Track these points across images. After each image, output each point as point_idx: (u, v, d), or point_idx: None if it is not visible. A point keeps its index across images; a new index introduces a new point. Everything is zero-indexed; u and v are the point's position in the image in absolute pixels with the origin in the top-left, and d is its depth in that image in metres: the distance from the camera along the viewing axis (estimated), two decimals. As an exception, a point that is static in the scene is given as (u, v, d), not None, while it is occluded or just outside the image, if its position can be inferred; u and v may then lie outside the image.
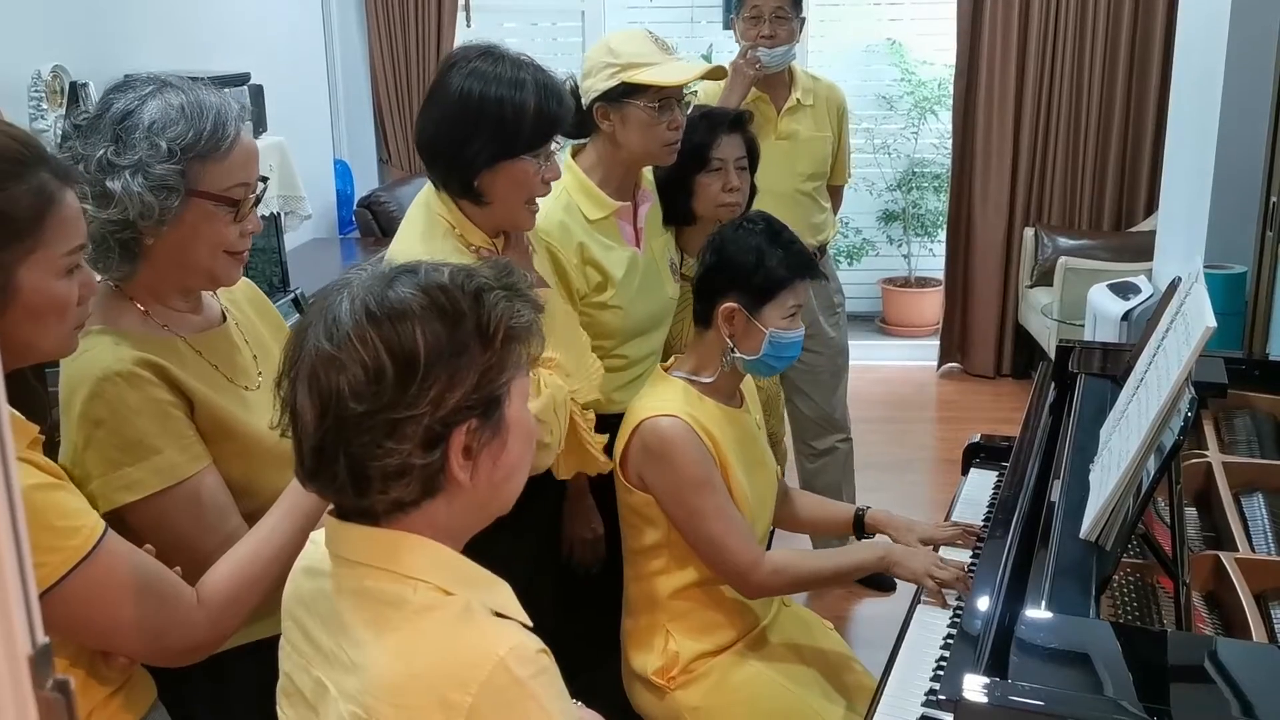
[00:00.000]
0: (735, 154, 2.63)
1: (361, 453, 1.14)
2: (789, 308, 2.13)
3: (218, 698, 1.67)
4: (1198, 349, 1.62)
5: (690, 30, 6.45)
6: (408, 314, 1.15)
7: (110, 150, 1.52)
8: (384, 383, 1.12)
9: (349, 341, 1.14)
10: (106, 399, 1.50)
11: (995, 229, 5.68)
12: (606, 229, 2.45)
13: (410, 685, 1.11)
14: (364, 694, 1.12)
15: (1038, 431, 2.36)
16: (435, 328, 1.15)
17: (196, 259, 1.60)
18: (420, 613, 1.15)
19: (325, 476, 1.18)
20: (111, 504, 1.51)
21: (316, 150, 5.54)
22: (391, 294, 1.16)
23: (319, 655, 1.21)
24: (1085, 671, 1.49)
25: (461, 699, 1.08)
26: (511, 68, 2.01)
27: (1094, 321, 4.28)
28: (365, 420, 1.13)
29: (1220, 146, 3.47)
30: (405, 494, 1.17)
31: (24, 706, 0.52)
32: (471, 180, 2.02)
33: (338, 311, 1.16)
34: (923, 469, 4.81)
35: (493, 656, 1.10)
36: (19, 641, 0.51)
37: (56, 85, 3.37)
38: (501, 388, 1.19)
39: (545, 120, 2.01)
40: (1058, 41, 5.45)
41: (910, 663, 1.91)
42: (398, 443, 1.13)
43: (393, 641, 1.14)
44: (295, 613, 1.28)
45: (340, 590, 1.20)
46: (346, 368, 1.13)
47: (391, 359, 1.13)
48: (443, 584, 1.17)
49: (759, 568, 2.08)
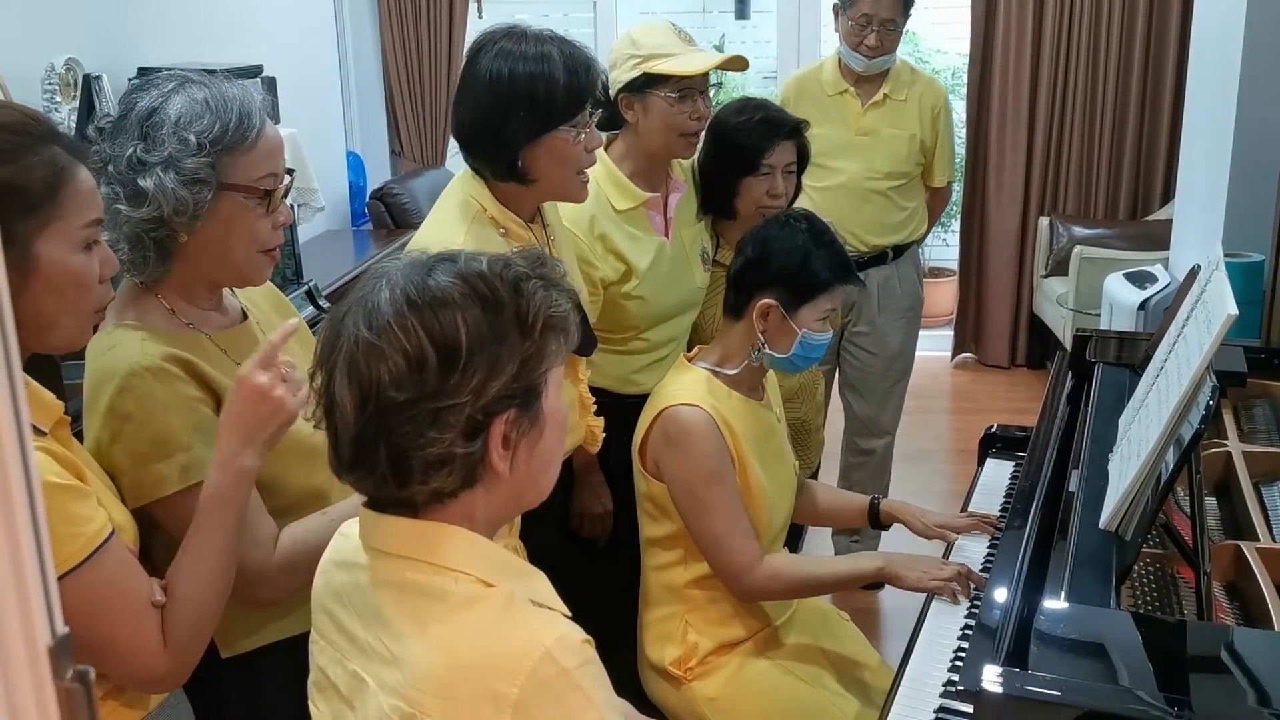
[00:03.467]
0: (786, 160, 2.62)
1: (403, 442, 1.13)
2: (824, 310, 2.12)
3: (250, 693, 1.68)
4: (1219, 337, 1.61)
5: (702, 20, 6.44)
6: (449, 302, 1.14)
7: (139, 148, 1.52)
8: (426, 371, 1.12)
9: (389, 329, 1.13)
10: (135, 394, 1.50)
11: (1010, 218, 5.65)
12: (635, 219, 2.47)
13: (457, 677, 1.10)
14: (407, 687, 1.12)
15: (1055, 421, 2.35)
16: (476, 315, 1.14)
17: (231, 254, 1.60)
18: (464, 605, 1.14)
19: (365, 467, 1.17)
20: (140, 500, 1.51)
21: (329, 142, 5.53)
22: (431, 282, 1.15)
23: (354, 648, 1.21)
24: (1105, 662, 1.48)
25: (508, 690, 1.08)
26: (535, 44, 2.01)
27: (1110, 311, 4.25)
28: (407, 409, 1.12)
29: (1238, 134, 3.44)
30: (446, 484, 1.16)
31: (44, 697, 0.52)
32: (514, 160, 2.02)
33: (377, 300, 1.15)
34: (938, 459, 4.80)
35: (539, 647, 1.10)
36: (39, 632, 0.51)
37: (70, 78, 3.38)
38: (540, 378, 1.19)
39: (575, 91, 2.01)
40: (1073, 29, 5.41)
41: (927, 654, 1.90)
42: (440, 432, 1.13)
43: (437, 634, 1.13)
44: (328, 606, 1.27)
45: (378, 583, 1.20)
46: (387, 356, 1.12)
47: (434, 346, 1.12)
48: (483, 575, 1.17)
49: (754, 571, 2.07)
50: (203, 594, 1.43)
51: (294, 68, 4.91)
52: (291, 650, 1.67)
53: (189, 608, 1.41)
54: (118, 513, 1.42)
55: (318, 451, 1.65)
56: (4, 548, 0.50)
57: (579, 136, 2.03)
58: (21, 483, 0.50)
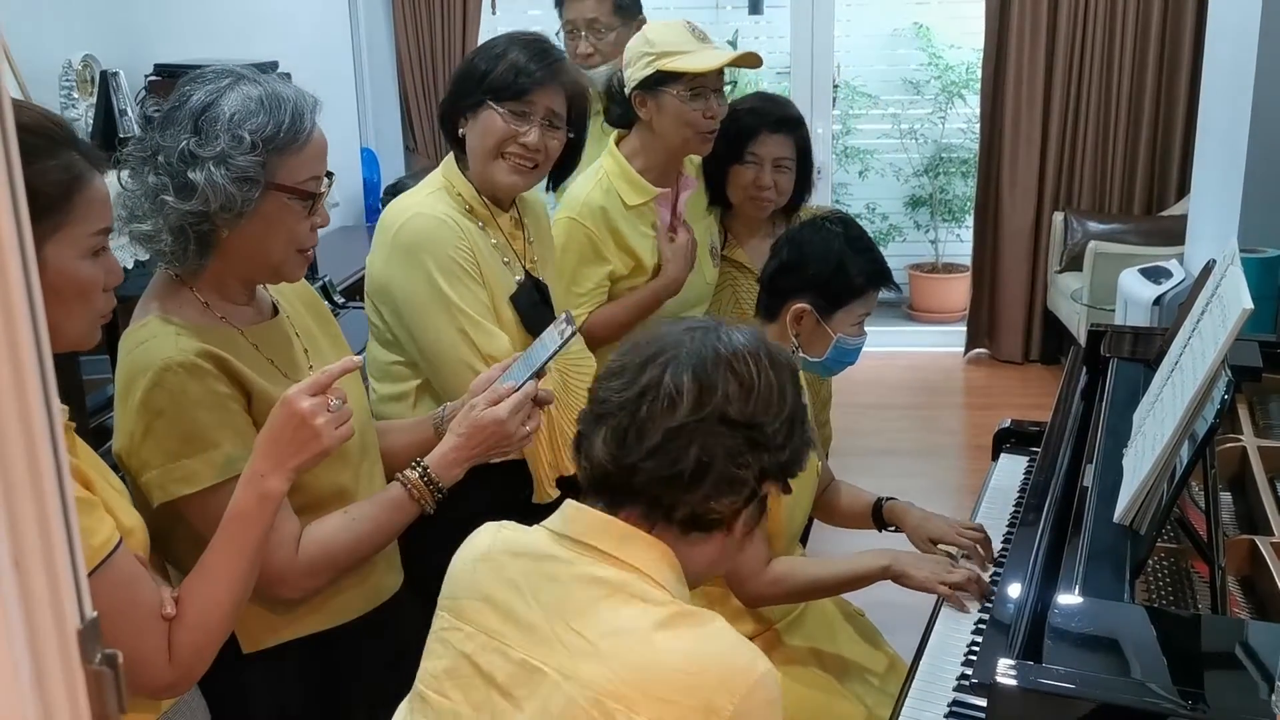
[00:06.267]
0: (776, 153, 2.62)
1: (718, 451, 1.23)
2: (859, 315, 2.13)
3: (271, 688, 1.68)
4: (1234, 331, 1.61)
5: (715, 16, 6.44)
6: (781, 364, 1.29)
7: (192, 141, 1.52)
8: (757, 405, 1.24)
9: (742, 357, 1.26)
10: (168, 389, 1.50)
11: (1024, 214, 5.63)
12: (644, 215, 2.48)
13: (681, 682, 1.14)
14: (615, 681, 1.14)
15: (1069, 416, 2.35)
16: (793, 390, 1.30)
17: (270, 253, 1.61)
18: (683, 616, 1.20)
19: (661, 460, 1.22)
20: (168, 495, 1.52)
21: (343, 138, 5.55)
22: (771, 348, 1.31)
23: (530, 638, 1.22)
24: (1120, 656, 1.48)
25: (725, 705, 1.13)
26: (511, 42, 2.08)
27: (1125, 306, 4.24)
28: (737, 429, 1.23)
29: (1253, 129, 3.43)
30: (718, 509, 1.25)
31: (73, 679, 0.53)
32: (455, 131, 2.09)
33: (729, 335, 1.29)
34: (952, 455, 4.79)
35: (757, 671, 1.16)
36: (69, 616, 0.52)
37: (87, 74, 3.39)
38: (791, 474, 1.31)
39: (514, 69, 2.03)
40: (1088, 23, 5.39)
41: (941, 647, 1.90)
42: (750, 459, 1.24)
43: (660, 636, 1.17)
44: (491, 594, 1.27)
45: (581, 577, 1.23)
46: (734, 377, 1.24)
47: (778, 391, 1.26)
48: (679, 599, 1.24)
49: (759, 576, 2.04)
50: (212, 613, 1.42)
51: (308, 63, 4.92)
52: (314, 647, 1.69)
53: (196, 626, 1.41)
54: (127, 517, 1.41)
55: (344, 450, 1.68)
56: (35, 534, 0.51)
57: (513, 126, 2.04)
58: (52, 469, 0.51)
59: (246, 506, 1.45)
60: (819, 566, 2.17)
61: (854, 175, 6.58)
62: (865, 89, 6.46)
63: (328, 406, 1.47)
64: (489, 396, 1.74)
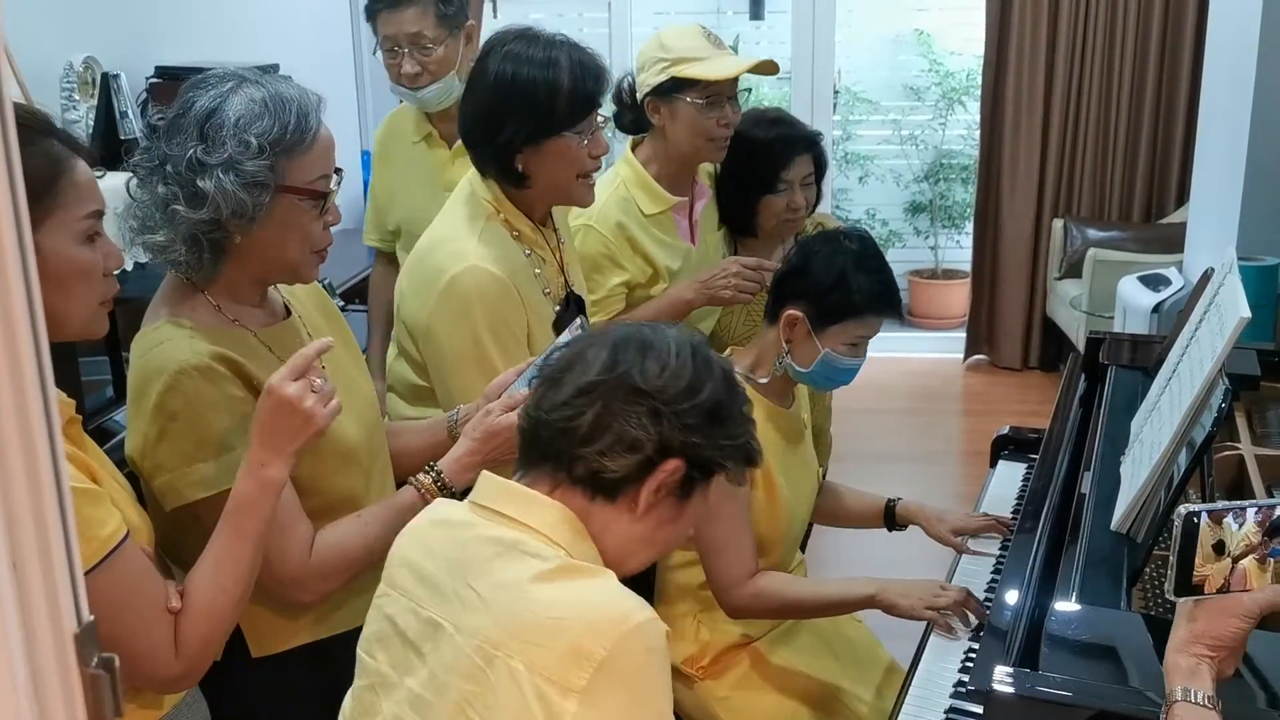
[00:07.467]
0: (803, 173, 2.57)
1: (617, 410, 1.27)
2: (855, 336, 2.08)
3: (278, 694, 1.69)
4: (1231, 339, 1.61)
5: (717, 21, 6.43)
6: (712, 365, 1.34)
7: (199, 149, 1.51)
8: (667, 381, 1.28)
9: (667, 343, 1.31)
10: (183, 392, 1.50)
11: (1023, 220, 5.63)
12: (662, 223, 2.46)
13: (552, 628, 1.17)
14: (496, 630, 1.19)
15: (1068, 423, 2.35)
16: (721, 389, 1.33)
17: (286, 255, 1.60)
18: (569, 569, 1.24)
19: (565, 412, 1.28)
20: (183, 499, 1.52)
21: (343, 141, 5.48)
22: (703, 348, 1.36)
23: (435, 596, 1.27)
24: (1116, 663, 1.48)
25: (596, 649, 1.15)
26: (545, 48, 2.00)
27: (1124, 313, 4.24)
28: (641, 396, 1.27)
29: (1253, 137, 3.43)
30: (611, 468, 1.27)
31: (69, 683, 0.53)
32: (510, 162, 2.00)
33: (663, 330, 1.36)
34: (950, 461, 4.79)
35: (632, 619, 1.18)
36: (66, 619, 0.52)
37: (88, 76, 3.39)
38: (721, 468, 1.34)
39: (580, 98, 1.99)
40: (1088, 31, 5.39)
41: (938, 654, 1.91)
42: (650, 426, 1.27)
43: (539, 587, 1.20)
44: (410, 558, 1.34)
45: (481, 538, 1.28)
46: (651, 356, 1.30)
47: (693, 377, 1.30)
48: (578, 558, 1.27)
49: (741, 587, 2.03)
50: (218, 601, 1.42)
51: (309, 66, 4.90)
52: (322, 653, 1.68)
53: (203, 614, 1.41)
54: (133, 513, 1.41)
55: (354, 454, 1.68)
56: (33, 539, 0.51)
57: (583, 143, 2.01)
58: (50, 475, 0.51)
59: (249, 496, 1.45)
60: (803, 587, 2.15)
61: (854, 181, 6.59)
62: (866, 95, 6.46)
63: (312, 387, 1.47)
64: (504, 402, 1.75)
